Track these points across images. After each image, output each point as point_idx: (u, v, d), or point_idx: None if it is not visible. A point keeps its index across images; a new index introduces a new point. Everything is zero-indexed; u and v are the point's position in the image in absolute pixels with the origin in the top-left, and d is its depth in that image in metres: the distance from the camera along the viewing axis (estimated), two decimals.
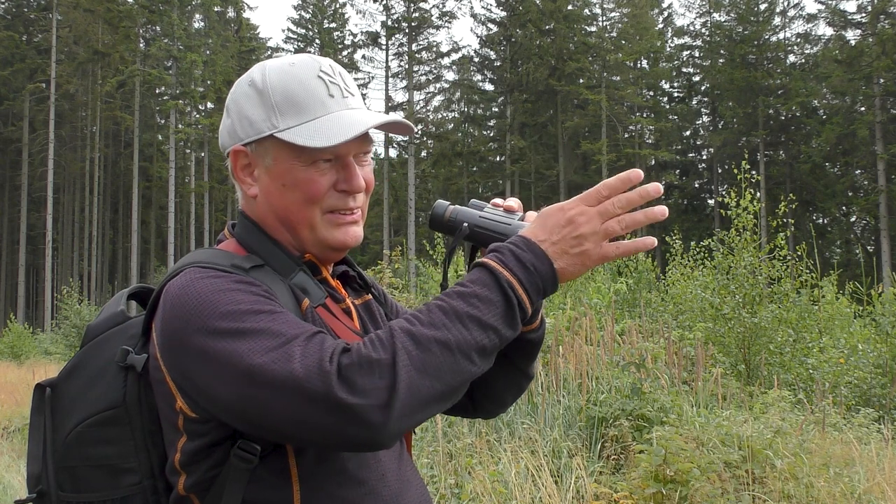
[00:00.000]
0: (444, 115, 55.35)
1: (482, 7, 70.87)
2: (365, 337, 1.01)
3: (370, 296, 1.34)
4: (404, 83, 49.98)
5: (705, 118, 52.21)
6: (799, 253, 9.58)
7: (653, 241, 1.08)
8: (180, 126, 44.72)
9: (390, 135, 1.27)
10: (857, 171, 44.94)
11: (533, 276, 1.04)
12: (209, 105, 48.71)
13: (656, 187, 1.06)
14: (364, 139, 1.17)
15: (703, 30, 50.31)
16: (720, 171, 47.73)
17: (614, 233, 1.07)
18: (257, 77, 1.18)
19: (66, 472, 1.17)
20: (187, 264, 1.12)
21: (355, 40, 53.84)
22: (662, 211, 1.05)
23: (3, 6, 50.89)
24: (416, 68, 50.98)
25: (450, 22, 67.94)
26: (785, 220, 9.59)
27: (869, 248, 43.83)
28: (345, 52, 53.58)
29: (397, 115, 1.19)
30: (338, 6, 55.17)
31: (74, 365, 1.21)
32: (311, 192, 1.15)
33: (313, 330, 1.02)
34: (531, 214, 1.18)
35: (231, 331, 1.00)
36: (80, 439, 1.16)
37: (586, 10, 49.31)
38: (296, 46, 55.93)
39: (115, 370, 1.16)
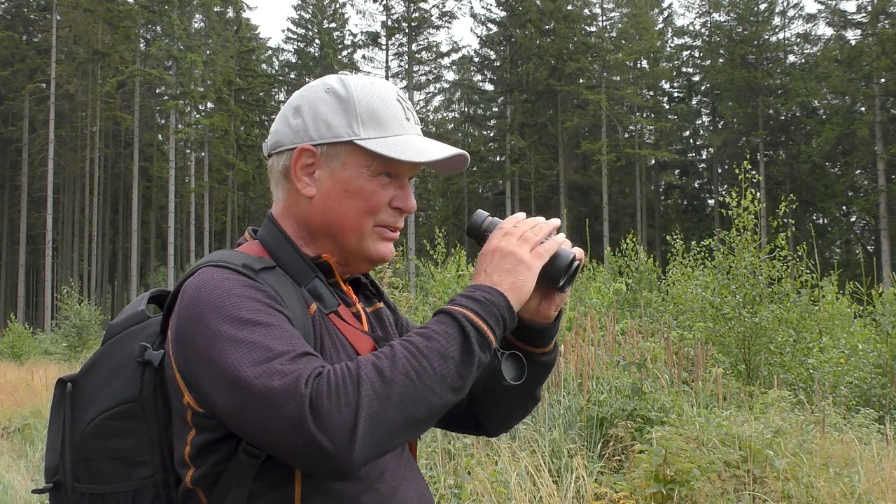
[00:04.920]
0: (444, 115, 55.46)
1: (482, 7, 70.99)
2: (338, 364, 1.05)
3: (381, 304, 1.39)
4: (404, 83, 49.95)
5: (705, 118, 52.26)
6: (799, 253, 9.57)
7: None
8: (180, 126, 44.73)
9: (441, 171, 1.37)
10: (857, 171, 44.96)
11: (487, 306, 1.12)
12: (209, 105, 48.73)
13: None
14: (416, 167, 1.26)
15: (703, 30, 50.35)
16: (720, 171, 47.77)
17: (534, 241, 1.20)
18: (337, 86, 1.25)
19: (83, 464, 1.22)
20: (203, 264, 1.17)
21: (355, 40, 53.93)
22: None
23: (3, 6, 50.86)
24: (416, 68, 51.03)
25: (450, 22, 68.25)
26: (785, 221, 9.56)
27: (869, 248, 43.85)
28: (345, 53, 53.60)
29: (462, 150, 1.27)
30: (338, 6, 55.19)
31: (94, 361, 1.26)
32: (373, 203, 1.23)
33: (301, 350, 1.06)
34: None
35: (230, 337, 1.05)
36: (96, 431, 1.21)
37: (586, 10, 49.33)
38: (296, 46, 55.98)
39: (133, 365, 1.21)
